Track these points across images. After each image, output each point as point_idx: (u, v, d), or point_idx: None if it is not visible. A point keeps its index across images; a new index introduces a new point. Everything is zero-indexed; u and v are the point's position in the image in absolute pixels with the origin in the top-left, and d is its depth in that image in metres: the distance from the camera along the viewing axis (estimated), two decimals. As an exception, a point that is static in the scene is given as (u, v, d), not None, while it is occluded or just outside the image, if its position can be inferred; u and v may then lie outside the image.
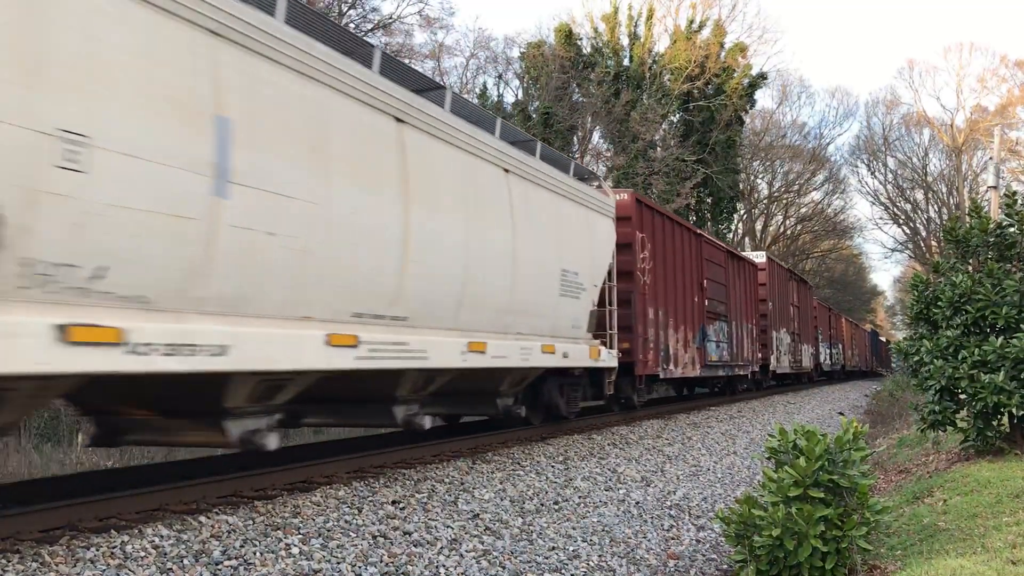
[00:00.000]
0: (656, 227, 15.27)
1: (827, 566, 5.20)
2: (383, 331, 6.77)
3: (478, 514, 6.68)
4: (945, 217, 49.76)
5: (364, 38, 7.43)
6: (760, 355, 24.14)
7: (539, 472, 8.57)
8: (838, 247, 63.12)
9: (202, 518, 5.36)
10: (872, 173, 57.52)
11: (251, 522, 5.47)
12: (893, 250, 60.56)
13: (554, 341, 9.89)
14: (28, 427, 11.04)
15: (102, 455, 10.87)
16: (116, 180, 4.45)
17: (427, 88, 7.84)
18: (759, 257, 26.12)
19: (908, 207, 57.14)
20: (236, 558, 4.85)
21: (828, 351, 39.05)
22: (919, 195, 56.43)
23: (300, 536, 5.38)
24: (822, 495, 5.31)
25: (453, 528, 6.21)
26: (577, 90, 32.61)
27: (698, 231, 18.96)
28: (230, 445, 5.97)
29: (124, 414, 6.02)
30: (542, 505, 7.39)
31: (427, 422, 7.93)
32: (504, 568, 5.67)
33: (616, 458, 10.13)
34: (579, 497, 7.93)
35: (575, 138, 31.22)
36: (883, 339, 77.75)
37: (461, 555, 5.70)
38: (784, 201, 54.84)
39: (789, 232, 56.80)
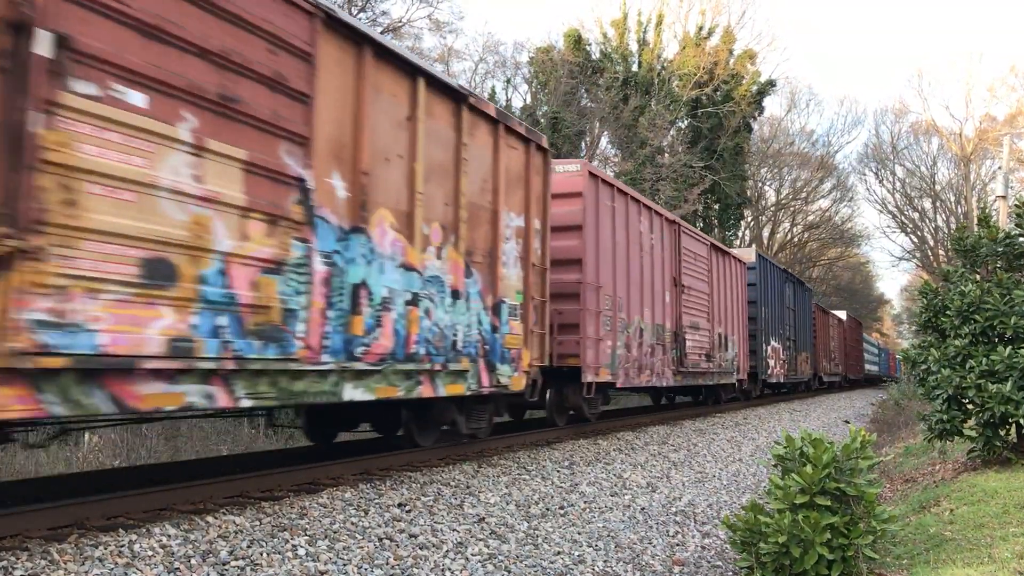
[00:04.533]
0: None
1: (833, 574, 5.19)
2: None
3: (484, 518, 6.69)
4: (953, 226, 49.63)
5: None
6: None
7: (545, 477, 8.57)
8: (845, 255, 63.00)
9: (209, 518, 5.38)
10: (880, 181, 57.45)
11: (258, 523, 5.49)
12: (900, 259, 60.39)
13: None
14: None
15: (109, 455, 10.91)
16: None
17: None
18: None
19: (916, 216, 57.01)
20: (243, 558, 4.87)
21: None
22: (927, 204, 56.29)
23: (307, 537, 5.40)
24: (829, 503, 5.31)
25: (459, 531, 6.22)
26: (585, 95, 32.64)
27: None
28: None
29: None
30: (548, 510, 7.39)
31: None
32: (509, 572, 5.68)
33: (622, 464, 10.13)
34: (585, 502, 7.93)
35: (583, 143, 31.25)
36: (839, 315, 40.32)
37: (467, 558, 5.71)
38: (791, 208, 54.79)
39: (796, 239, 56.73)
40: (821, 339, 33.64)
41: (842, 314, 42.18)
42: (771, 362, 23.72)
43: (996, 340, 9.28)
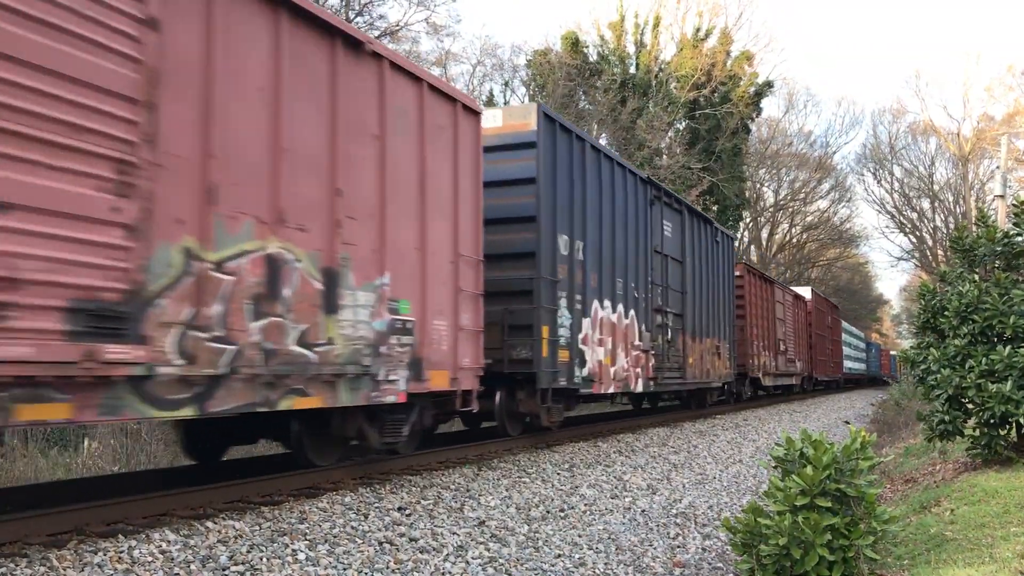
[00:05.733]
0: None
1: (834, 575, 5.18)
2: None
3: (484, 521, 6.68)
4: (951, 226, 49.68)
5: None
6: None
7: (545, 479, 8.56)
8: (844, 255, 63.05)
9: (209, 523, 5.37)
10: (878, 182, 57.57)
11: (258, 528, 5.48)
12: (899, 259, 60.49)
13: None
14: (35, 431, 11.07)
15: (108, 460, 10.90)
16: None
17: None
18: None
19: (914, 216, 57.10)
20: (243, 563, 4.86)
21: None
22: (925, 204, 56.40)
23: (307, 542, 5.39)
24: (829, 504, 5.30)
25: (459, 535, 6.21)
26: (583, 97, 32.65)
27: None
28: None
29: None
30: (548, 512, 7.38)
31: None
32: (510, 575, 5.67)
33: (622, 466, 10.12)
34: (585, 505, 7.92)
35: (581, 145, 31.26)
36: (799, 291, 30.71)
37: (467, 562, 5.70)
38: (790, 209, 54.86)
39: (795, 240, 56.77)
40: (758, 322, 22.60)
41: (805, 291, 31.40)
42: (591, 352, 11.36)
43: (995, 340, 9.28)
